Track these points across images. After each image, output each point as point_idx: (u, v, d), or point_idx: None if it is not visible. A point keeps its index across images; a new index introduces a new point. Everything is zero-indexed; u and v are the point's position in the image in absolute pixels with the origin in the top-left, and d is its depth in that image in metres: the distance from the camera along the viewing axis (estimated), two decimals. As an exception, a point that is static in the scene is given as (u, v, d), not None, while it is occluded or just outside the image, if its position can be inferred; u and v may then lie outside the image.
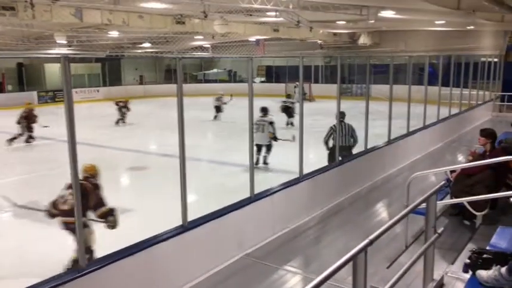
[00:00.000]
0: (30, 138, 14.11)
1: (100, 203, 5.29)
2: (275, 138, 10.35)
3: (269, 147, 10.48)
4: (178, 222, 4.55)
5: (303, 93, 8.90)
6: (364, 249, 2.53)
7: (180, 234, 4.40)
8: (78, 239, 3.50)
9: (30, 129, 14.07)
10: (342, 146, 7.91)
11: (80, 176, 4.51)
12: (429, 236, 3.71)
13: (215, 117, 20.05)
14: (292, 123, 16.77)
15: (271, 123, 10.35)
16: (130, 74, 33.84)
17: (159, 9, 14.44)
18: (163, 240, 4.22)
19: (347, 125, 8.51)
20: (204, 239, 4.71)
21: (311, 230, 6.14)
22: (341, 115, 8.15)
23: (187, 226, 4.47)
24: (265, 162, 10.55)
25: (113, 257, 3.78)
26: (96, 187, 5.40)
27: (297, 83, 26.45)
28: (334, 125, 8.29)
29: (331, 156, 8.18)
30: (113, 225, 5.31)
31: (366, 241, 2.56)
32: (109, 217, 5.28)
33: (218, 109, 20.30)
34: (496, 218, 5.50)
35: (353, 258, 2.53)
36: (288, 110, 17.31)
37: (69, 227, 5.24)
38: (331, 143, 8.31)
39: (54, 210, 5.50)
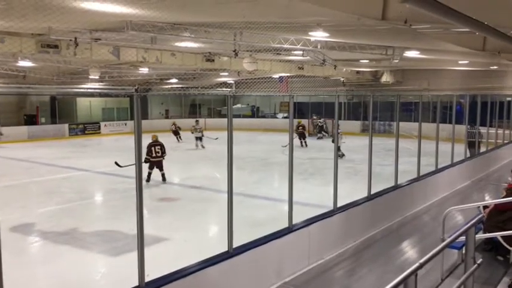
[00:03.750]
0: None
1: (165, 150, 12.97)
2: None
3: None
4: (211, 250, 4.83)
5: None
6: (414, 272, 2.75)
7: (226, 260, 4.65)
8: (138, 257, 3.77)
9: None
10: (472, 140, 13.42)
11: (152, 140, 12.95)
12: (469, 267, 3.87)
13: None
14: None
15: None
16: (156, 108, 34.84)
17: (191, 48, 15.16)
18: (211, 265, 4.48)
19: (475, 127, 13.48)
20: (247, 265, 4.94)
21: (345, 262, 6.30)
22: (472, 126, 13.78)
23: (232, 252, 4.72)
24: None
25: (168, 278, 4.05)
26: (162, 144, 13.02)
27: (320, 119, 27.07)
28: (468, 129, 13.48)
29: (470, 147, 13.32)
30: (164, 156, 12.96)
31: (417, 264, 2.77)
32: (164, 155, 12.96)
33: None
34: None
35: (404, 281, 2.73)
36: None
37: (158, 163, 12.80)
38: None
39: (151, 158, 12.66)
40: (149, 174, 12.67)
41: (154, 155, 12.69)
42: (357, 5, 6.81)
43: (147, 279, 3.96)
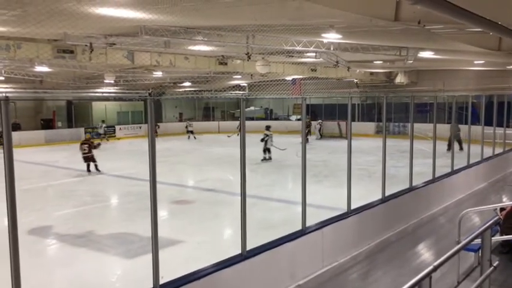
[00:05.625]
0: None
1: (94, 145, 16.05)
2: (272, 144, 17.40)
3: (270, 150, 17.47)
4: (225, 253, 4.86)
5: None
6: (428, 275, 2.73)
7: (239, 263, 4.67)
8: (153, 259, 3.81)
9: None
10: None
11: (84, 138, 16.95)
12: (485, 270, 3.82)
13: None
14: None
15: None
16: (170, 112, 35.10)
17: (204, 51, 15.26)
18: (225, 267, 4.50)
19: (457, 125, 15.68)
20: (261, 268, 4.95)
21: (360, 264, 6.27)
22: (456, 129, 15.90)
23: (246, 255, 4.74)
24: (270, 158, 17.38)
25: (182, 280, 4.08)
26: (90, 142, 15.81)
27: (320, 120, 27.19)
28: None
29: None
30: (96, 146, 16.15)
31: (431, 267, 2.75)
32: (97, 146, 16.32)
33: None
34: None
35: (418, 284, 2.72)
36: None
37: (87, 158, 15.48)
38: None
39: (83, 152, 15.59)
40: (88, 166, 15.59)
41: (81, 152, 15.65)
42: (369, 6, 6.78)
43: (161, 281, 4.00)
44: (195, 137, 28.44)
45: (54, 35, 11.67)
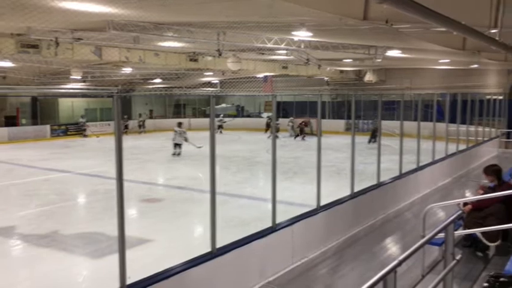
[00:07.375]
0: None
1: None
2: (186, 140, 18.05)
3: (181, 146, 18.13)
4: (195, 251, 4.84)
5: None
6: (393, 269, 2.78)
7: (209, 261, 4.64)
8: (120, 258, 3.74)
9: None
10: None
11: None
12: (448, 263, 3.93)
13: None
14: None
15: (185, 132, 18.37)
16: (141, 109, 34.52)
17: (174, 48, 15.07)
18: (194, 266, 4.46)
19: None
20: (231, 265, 4.94)
21: (329, 260, 6.35)
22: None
23: (216, 253, 4.71)
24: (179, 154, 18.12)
25: (151, 280, 4.02)
26: None
27: (291, 118, 27.34)
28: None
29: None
30: None
31: (395, 262, 2.80)
32: None
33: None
34: (508, 248, 5.71)
35: (383, 278, 2.76)
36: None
37: None
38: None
39: None
40: None
41: None
42: (338, 5, 6.86)
43: (128, 281, 3.93)
44: (143, 131, 29.96)
45: (16, 29, 11.27)
